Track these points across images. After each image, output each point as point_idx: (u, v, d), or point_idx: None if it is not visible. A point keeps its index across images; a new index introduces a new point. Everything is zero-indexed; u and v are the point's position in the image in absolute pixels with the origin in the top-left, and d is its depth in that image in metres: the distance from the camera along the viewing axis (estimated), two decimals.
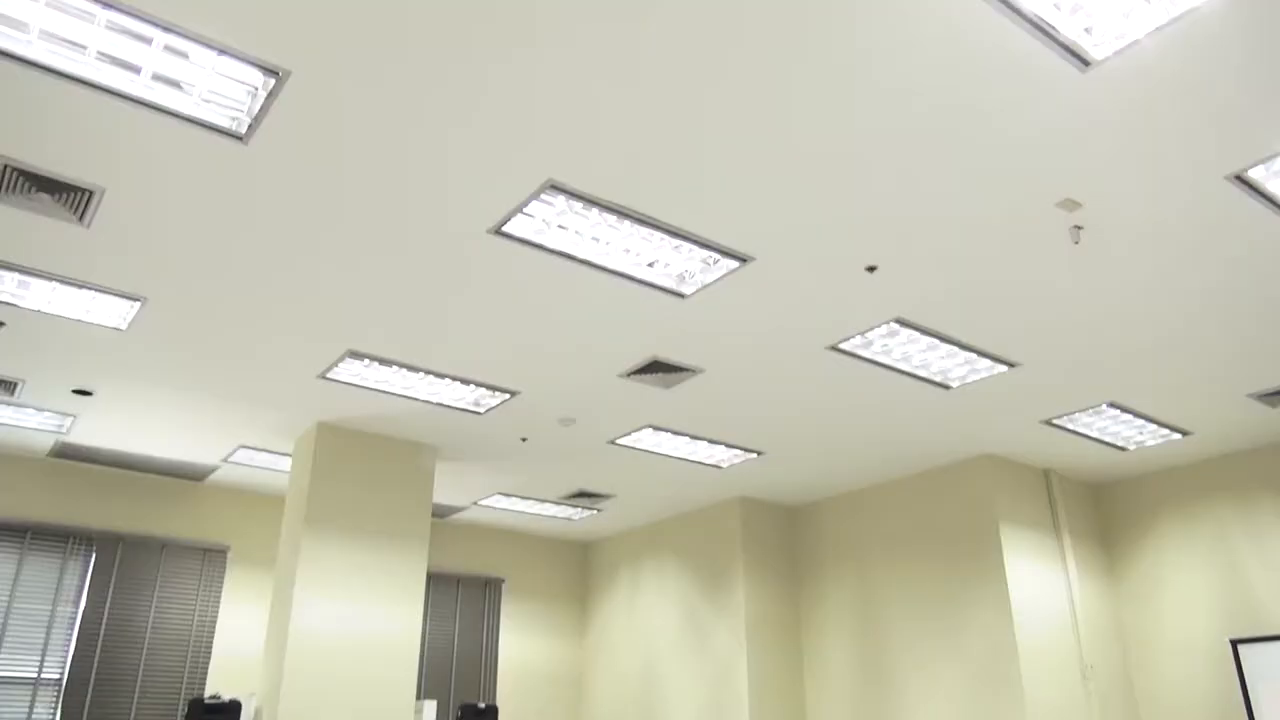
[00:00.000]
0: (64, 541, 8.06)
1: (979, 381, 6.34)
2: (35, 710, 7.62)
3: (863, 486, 8.87)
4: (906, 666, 8.09)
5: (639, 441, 7.58)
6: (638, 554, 10.35)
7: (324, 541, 7.11)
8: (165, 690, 8.12)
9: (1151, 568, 8.08)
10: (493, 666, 10.08)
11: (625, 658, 10.11)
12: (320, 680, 6.75)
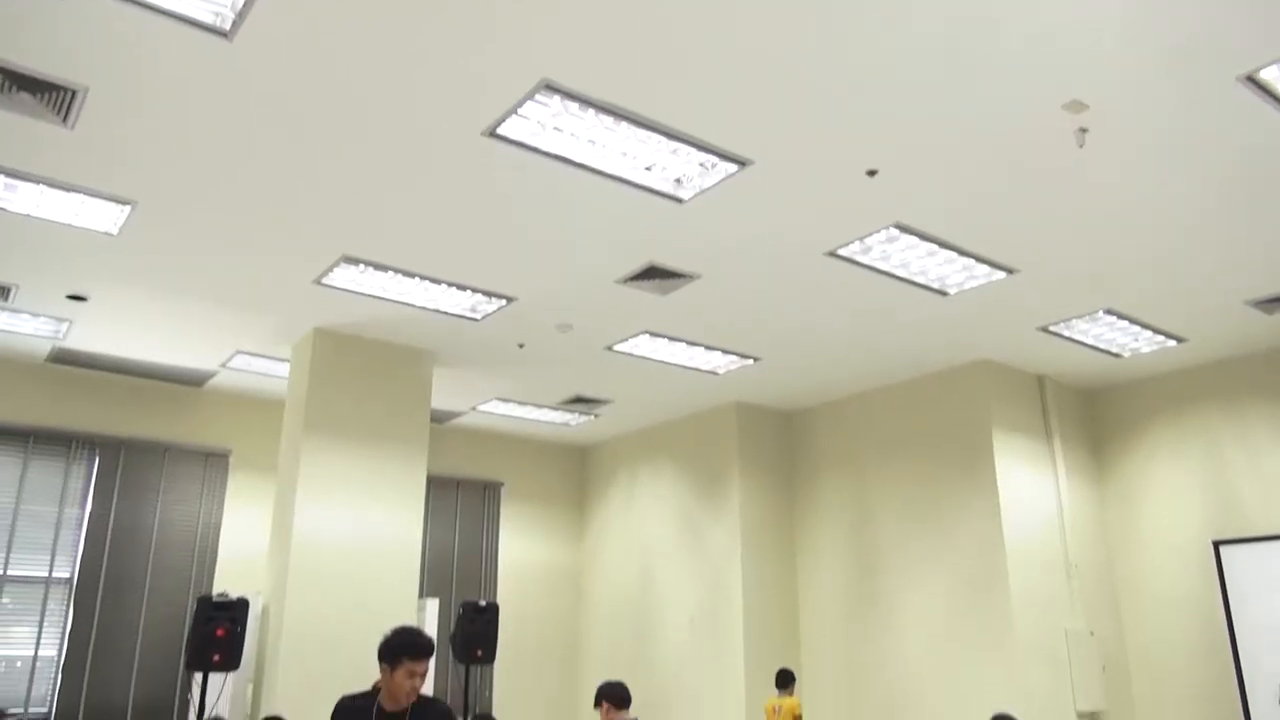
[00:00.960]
0: (66, 446, 8.14)
1: (977, 288, 6.32)
2: (48, 608, 7.84)
3: (858, 392, 8.94)
4: (897, 566, 8.30)
5: (636, 347, 7.60)
6: (635, 458, 10.50)
7: (324, 446, 7.19)
8: (174, 589, 8.33)
9: (1139, 472, 8.22)
10: (493, 567, 10.33)
11: (622, 559, 10.36)
12: (324, 579, 6.92)
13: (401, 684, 3.69)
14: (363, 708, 3.75)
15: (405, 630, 3.81)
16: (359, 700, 3.80)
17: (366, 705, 3.76)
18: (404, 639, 3.75)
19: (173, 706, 8.04)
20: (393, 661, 3.70)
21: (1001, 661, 7.30)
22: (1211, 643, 7.28)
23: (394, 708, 3.73)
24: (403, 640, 3.74)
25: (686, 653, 9.19)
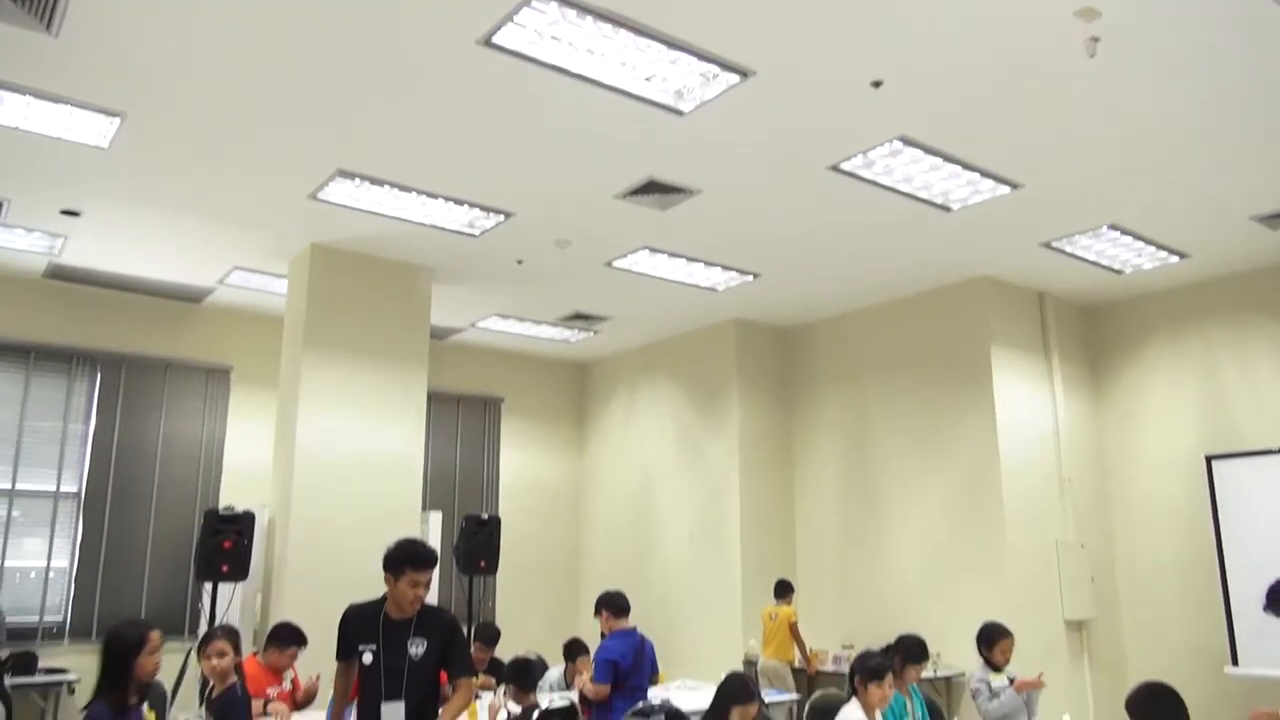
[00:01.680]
0: (68, 362, 8.17)
1: (980, 203, 6.25)
2: (58, 521, 7.98)
3: (857, 309, 8.93)
4: (893, 481, 8.42)
5: (635, 264, 7.56)
6: (634, 375, 10.55)
7: (324, 362, 7.21)
8: (180, 503, 8.47)
9: (1136, 388, 8.27)
10: (494, 482, 10.47)
11: (622, 474, 10.50)
12: (328, 493, 7.02)
13: (405, 593, 3.79)
14: (370, 615, 3.87)
15: (408, 542, 3.90)
16: (367, 608, 3.91)
17: (374, 613, 3.87)
18: (406, 550, 3.84)
19: (184, 616, 8.25)
20: (396, 571, 3.80)
21: (993, 574, 7.47)
22: (1199, 555, 7.43)
23: (399, 615, 3.84)
24: (405, 551, 3.83)
25: (685, 565, 9.39)
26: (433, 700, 3.87)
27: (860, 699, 4.30)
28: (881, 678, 4.28)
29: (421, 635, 3.82)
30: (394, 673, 3.76)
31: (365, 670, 3.81)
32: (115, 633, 3.54)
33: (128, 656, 3.47)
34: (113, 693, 3.42)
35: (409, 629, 3.82)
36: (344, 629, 3.92)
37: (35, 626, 7.70)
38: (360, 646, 3.82)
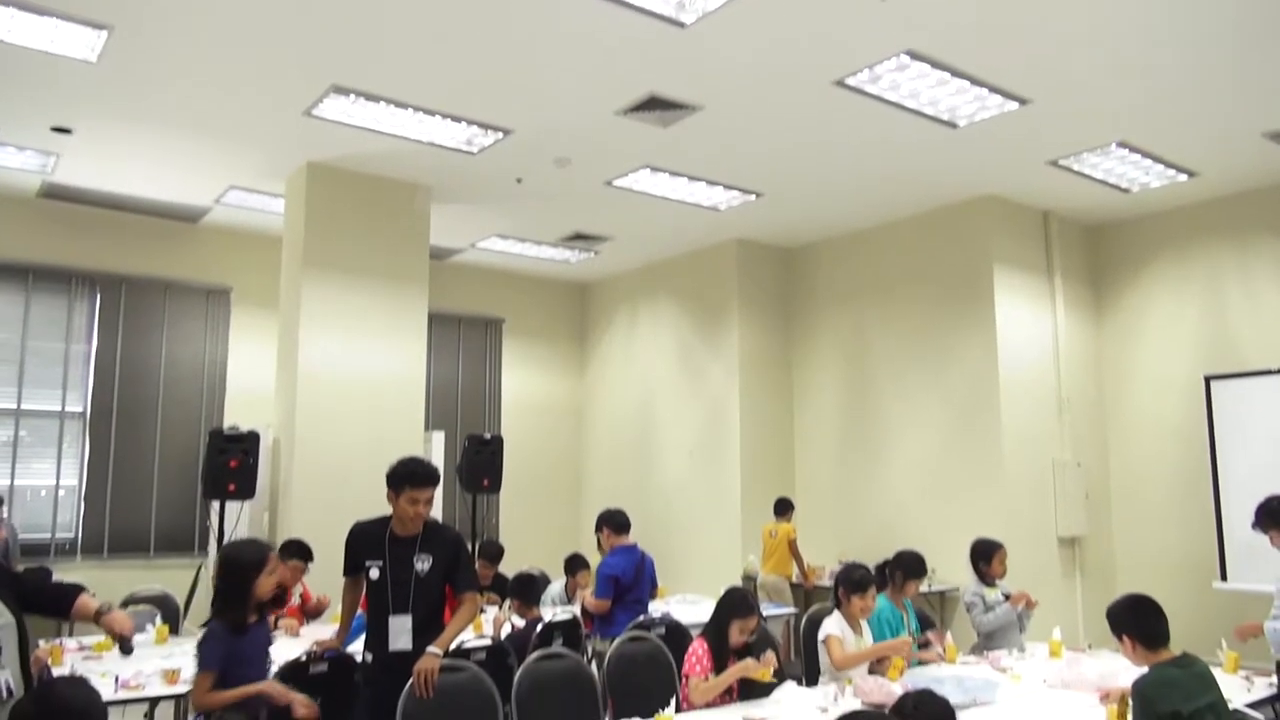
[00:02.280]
0: (67, 283, 8.14)
1: (987, 120, 6.14)
2: (65, 440, 8.06)
3: (860, 228, 8.85)
4: (892, 400, 8.47)
5: (636, 183, 7.46)
6: (635, 295, 10.52)
7: (324, 283, 7.18)
8: (185, 422, 8.54)
9: (1138, 308, 8.25)
10: (496, 402, 10.55)
11: (622, 394, 10.56)
12: (332, 413, 7.07)
13: (405, 510, 3.87)
14: (376, 532, 3.94)
15: (409, 460, 3.95)
16: (372, 526, 3.98)
17: (380, 530, 3.94)
18: (406, 468, 3.89)
19: (193, 533, 8.40)
20: (397, 489, 3.87)
21: (989, 492, 7.57)
22: (1192, 474, 7.52)
23: (404, 532, 3.91)
24: (405, 469, 3.88)
25: (685, 483, 9.52)
26: (439, 614, 3.96)
27: (843, 610, 4.40)
28: (864, 590, 4.36)
29: (427, 551, 3.90)
30: (400, 587, 3.84)
31: (372, 585, 3.89)
32: (234, 553, 3.53)
33: (247, 576, 3.45)
34: (230, 612, 3.45)
35: (414, 545, 3.89)
36: (351, 546, 3.99)
37: (48, 543, 7.85)
38: (367, 562, 3.89)
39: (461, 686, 3.58)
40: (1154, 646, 3.36)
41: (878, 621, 4.69)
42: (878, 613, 4.72)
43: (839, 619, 4.39)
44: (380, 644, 3.84)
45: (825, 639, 4.29)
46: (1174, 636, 3.40)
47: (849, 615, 4.38)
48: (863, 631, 4.45)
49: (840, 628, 4.35)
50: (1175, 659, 3.32)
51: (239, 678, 3.37)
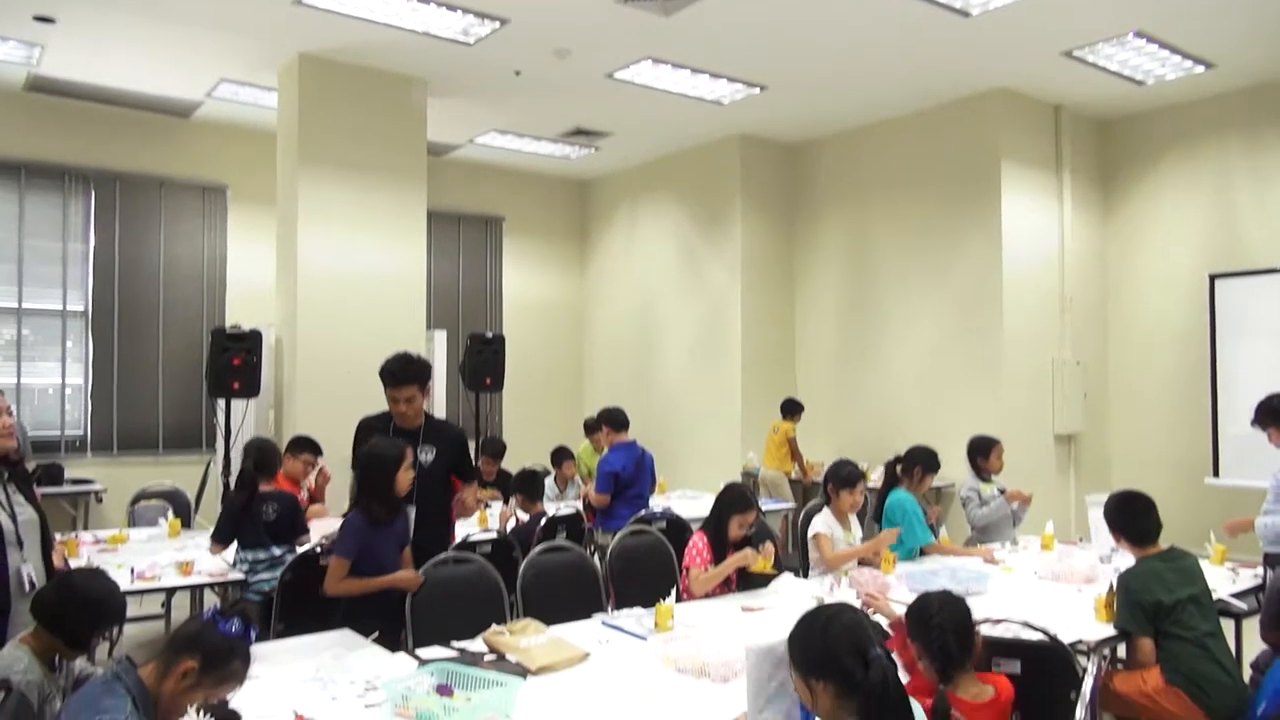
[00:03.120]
0: (60, 179, 8.03)
1: (1001, 8, 5.93)
2: (68, 339, 8.09)
3: (865, 123, 8.66)
4: (894, 300, 8.45)
5: (638, 75, 7.27)
6: (636, 193, 10.38)
7: (321, 179, 7.08)
8: (187, 322, 8.55)
9: (1146, 205, 8.14)
10: (497, 301, 10.53)
11: (624, 292, 10.53)
12: (333, 311, 7.07)
13: (392, 407, 3.98)
14: (381, 426, 4.04)
15: (389, 360, 4.02)
16: (377, 420, 4.07)
17: (384, 424, 4.03)
18: (385, 369, 3.99)
19: (200, 431, 8.51)
20: (384, 388, 3.97)
21: (988, 390, 7.63)
22: (1191, 372, 7.55)
23: (405, 425, 3.99)
24: (383, 370, 3.99)
25: (686, 381, 9.58)
26: (442, 506, 4.08)
27: (832, 505, 4.47)
28: (853, 486, 4.43)
29: (430, 443, 4.03)
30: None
31: None
32: (373, 451, 3.62)
33: (388, 472, 3.55)
34: (372, 506, 3.54)
35: (418, 437, 4.01)
36: (359, 439, 4.05)
37: (58, 440, 7.96)
38: None
39: (469, 578, 3.68)
40: (1144, 542, 3.44)
41: (903, 513, 4.78)
42: (902, 505, 4.81)
43: (827, 516, 4.46)
44: None
45: (814, 537, 4.39)
46: (1165, 531, 3.47)
47: (838, 511, 4.46)
48: (851, 526, 4.53)
49: (828, 525, 4.42)
50: (1162, 553, 3.40)
51: (372, 569, 3.49)
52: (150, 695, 2.11)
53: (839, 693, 1.89)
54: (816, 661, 1.93)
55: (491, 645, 3.02)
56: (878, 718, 1.85)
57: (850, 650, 1.89)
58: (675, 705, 2.56)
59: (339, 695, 2.60)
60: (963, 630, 2.28)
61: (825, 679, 1.90)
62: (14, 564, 2.93)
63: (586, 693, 2.68)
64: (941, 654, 2.25)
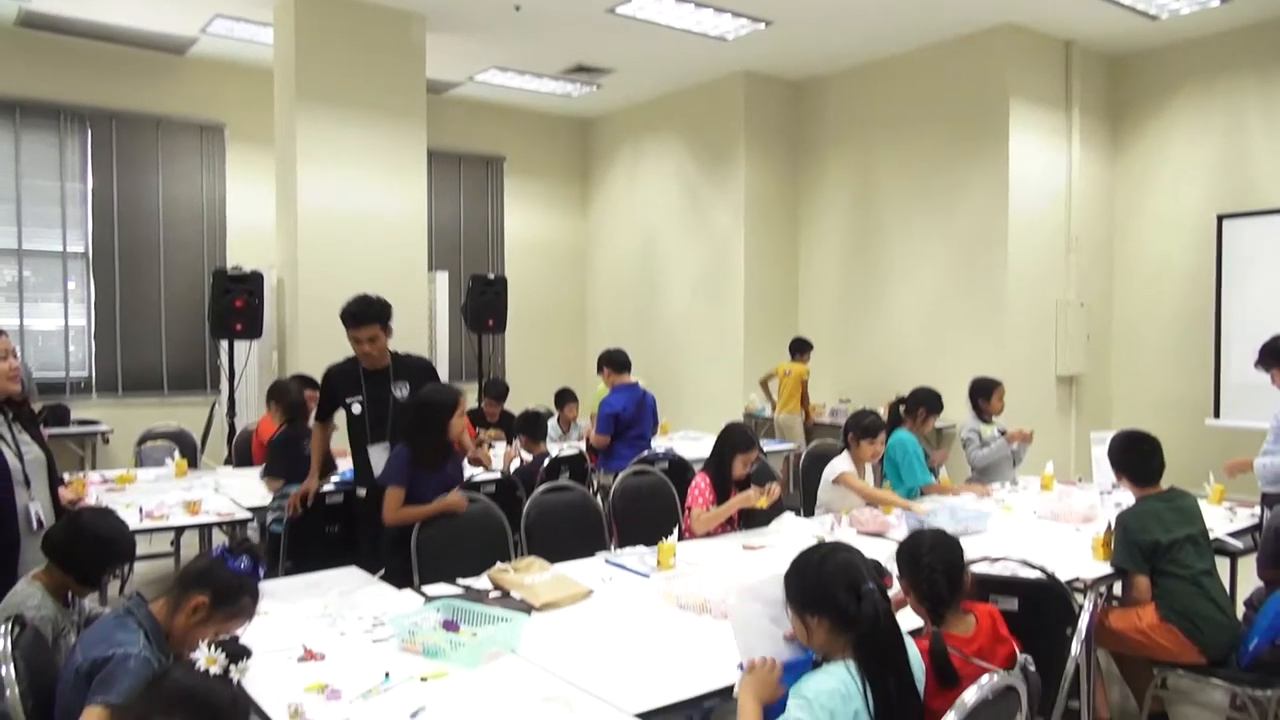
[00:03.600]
0: (56, 118, 7.93)
1: None
2: (69, 281, 8.07)
3: (871, 60, 8.50)
4: (898, 240, 8.39)
5: (640, 10, 7.12)
6: (639, 132, 10.24)
7: (319, 117, 6.99)
8: (188, 263, 8.51)
9: (1155, 144, 8.03)
10: (499, 242, 10.47)
11: (626, 233, 10.46)
12: (334, 252, 7.04)
13: (356, 349, 4.01)
14: (350, 370, 4.08)
15: (347, 303, 4.03)
16: (345, 365, 4.13)
17: (352, 368, 4.07)
18: (343, 311, 4.01)
19: (204, 372, 8.53)
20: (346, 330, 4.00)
21: (990, 331, 7.62)
22: (1196, 313, 7.53)
23: (374, 366, 4.03)
24: (343, 312, 4.01)
25: (688, 322, 9.57)
26: None
27: (852, 453, 4.50)
28: (874, 436, 4.45)
29: (403, 379, 4.07)
30: (379, 418, 4.00)
31: (354, 420, 4.04)
32: (428, 396, 3.74)
33: (441, 417, 3.65)
34: (424, 450, 3.64)
35: (388, 376, 4.05)
36: (327, 388, 4.12)
37: (63, 381, 7.99)
38: (347, 399, 4.04)
39: (473, 518, 3.72)
40: (1146, 483, 3.46)
41: (904, 453, 4.83)
42: (905, 445, 4.85)
43: (847, 459, 4.49)
44: (366, 475, 3.99)
45: (840, 476, 4.40)
46: (1165, 471, 3.49)
47: (857, 458, 4.48)
48: (866, 474, 4.57)
49: (850, 467, 4.45)
50: (1162, 493, 3.43)
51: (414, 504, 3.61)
52: (162, 629, 2.15)
53: (833, 626, 1.92)
54: (812, 597, 1.96)
55: (496, 582, 3.06)
56: (870, 650, 1.89)
57: (845, 586, 1.92)
58: (677, 640, 2.61)
59: (347, 630, 2.65)
60: (953, 570, 2.30)
61: (820, 614, 1.94)
62: (22, 502, 2.96)
63: (590, 628, 2.73)
64: (931, 594, 2.28)
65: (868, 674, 1.87)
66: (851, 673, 1.88)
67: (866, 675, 1.86)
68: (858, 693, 1.85)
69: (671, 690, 2.21)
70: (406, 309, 4.12)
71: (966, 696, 1.78)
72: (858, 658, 1.89)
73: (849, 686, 1.86)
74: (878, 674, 1.87)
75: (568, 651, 2.48)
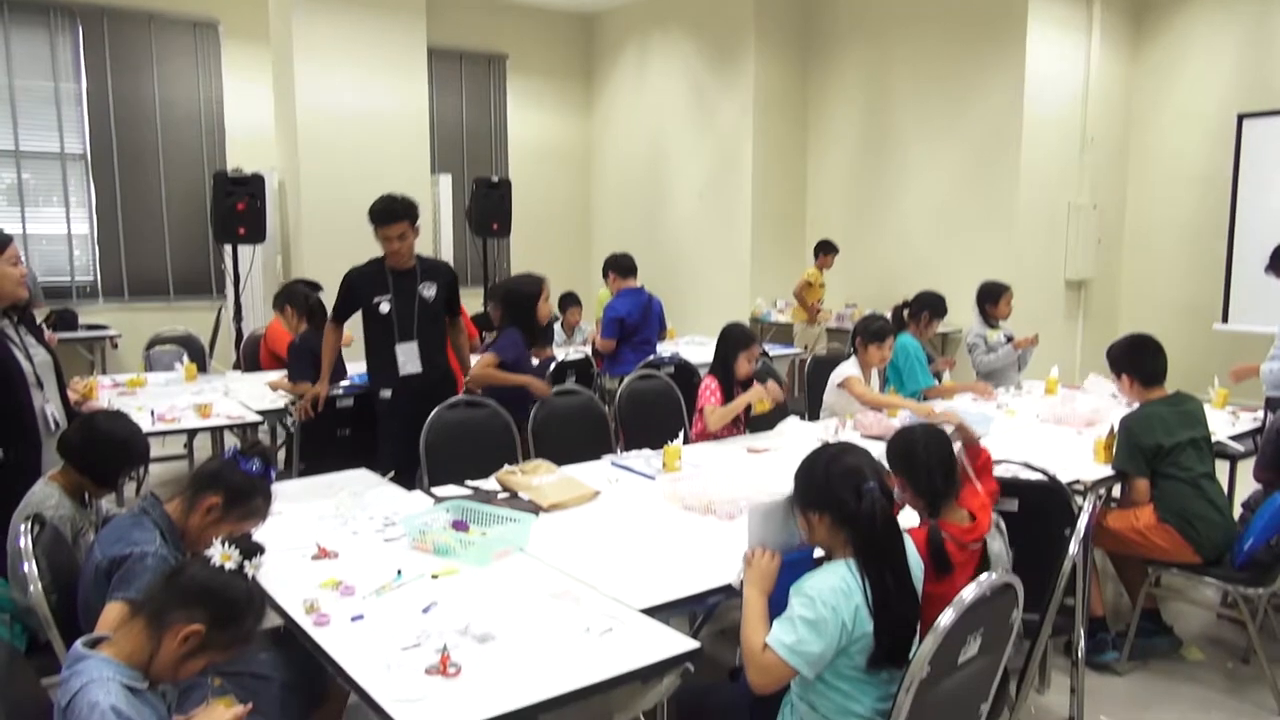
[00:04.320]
0: (45, 15, 7.72)
1: None
2: (69, 183, 7.99)
3: None
4: (909, 143, 8.21)
5: None
6: (645, 28, 9.93)
7: (315, 13, 6.80)
8: (188, 166, 8.40)
9: (1178, 40, 7.76)
10: (502, 143, 10.28)
11: (632, 133, 10.26)
12: (334, 154, 6.94)
13: (386, 247, 4.00)
14: (376, 271, 4.06)
15: (375, 201, 4.01)
16: (369, 266, 4.09)
17: (378, 268, 4.05)
18: (371, 209, 3.99)
19: (209, 277, 8.52)
20: (374, 229, 3.98)
21: (1000, 235, 7.53)
22: (1210, 217, 7.42)
23: (401, 266, 4.01)
24: (372, 210, 3.98)
25: (694, 226, 9.47)
26: (442, 340, 4.14)
27: (859, 357, 4.50)
28: (882, 340, 4.44)
29: (429, 280, 4.10)
30: (405, 317, 4.03)
31: (379, 320, 4.04)
32: (514, 285, 4.38)
33: (530, 304, 4.24)
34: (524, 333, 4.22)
35: (416, 275, 4.06)
36: (351, 288, 4.08)
37: (68, 286, 7.99)
38: (375, 299, 4.03)
39: (481, 421, 3.76)
40: (1150, 385, 3.47)
41: (907, 357, 4.84)
42: (907, 349, 4.86)
43: (854, 364, 4.48)
44: (392, 374, 4.01)
45: (845, 380, 4.40)
46: (1171, 375, 3.50)
47: (864, 363, 4.48)
48: (873, 381, 4.57)
49: (857, 371, 4.44)
50: (1166, 397, 3.44)
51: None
52: (177, 528, 2.20)
53: (833, 523, 1.97)
54: (816, 495, 2.00)
55: (504, 484, 3.11)
56: (869, 546, 1.93)
57: (849, 485, 1.95)
58: (681, 540, 2.66)
59: (359, 530, 2.70)
60: (947, 464, 2.34)
61: (822, 511, 1.98)
62: (38, 404, 3.00)
63: (596, 528, 2.78)
64: (929, 489, 2.32)
65: (866, 570, 1.91)
66: (851, 569, 1.92)
67: (865, 571, 1.91)
68: (858, 588, 1.89)
69: (676, 587, 2.26)
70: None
71: (965, 594, 1.82)
72: (857, 553, 1.94)
73: (849, 583, 1.90)
74: (876, 570, 1.91)
75: (575, 550, 2.53)
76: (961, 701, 1.99)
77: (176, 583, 1.71)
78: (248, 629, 1.74)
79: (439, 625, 2.00)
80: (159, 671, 1.65)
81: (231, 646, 1.72)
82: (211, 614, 1.66)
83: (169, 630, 1.64)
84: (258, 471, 2.24)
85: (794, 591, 1.94)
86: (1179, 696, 3.28)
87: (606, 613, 2.07)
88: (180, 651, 1.64)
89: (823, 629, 1.86)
